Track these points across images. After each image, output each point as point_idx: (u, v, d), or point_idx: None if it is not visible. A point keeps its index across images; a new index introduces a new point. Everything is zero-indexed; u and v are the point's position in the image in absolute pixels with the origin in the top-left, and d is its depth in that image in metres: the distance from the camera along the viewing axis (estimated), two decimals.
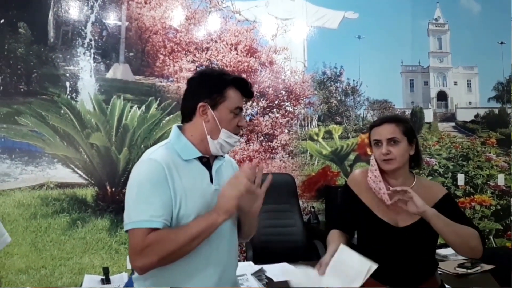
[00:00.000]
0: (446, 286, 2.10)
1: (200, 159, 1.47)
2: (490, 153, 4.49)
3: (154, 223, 1.32)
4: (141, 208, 1.33)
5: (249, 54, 3.93)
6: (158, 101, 3.65)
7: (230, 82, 1.46)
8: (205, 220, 1.34)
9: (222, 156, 1.54)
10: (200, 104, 1.44)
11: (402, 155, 1.70)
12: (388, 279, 1.70)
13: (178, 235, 1.32)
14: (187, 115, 1.49)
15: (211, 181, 1.46)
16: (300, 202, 3.68)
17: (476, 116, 4.58)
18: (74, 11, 3.50)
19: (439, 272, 1.87)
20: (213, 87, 1.45)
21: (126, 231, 1.36)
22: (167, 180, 1.36)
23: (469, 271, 2.59)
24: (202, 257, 1.40)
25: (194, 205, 1.39)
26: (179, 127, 1.51)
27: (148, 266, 1.33)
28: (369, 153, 1.85)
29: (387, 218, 1.72)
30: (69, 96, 3.45)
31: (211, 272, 1.43)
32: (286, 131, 4.03)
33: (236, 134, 1.48)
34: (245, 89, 1.49)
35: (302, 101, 4.09)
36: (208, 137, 1.45)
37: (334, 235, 1.80)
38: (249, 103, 3.78)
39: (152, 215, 1.32)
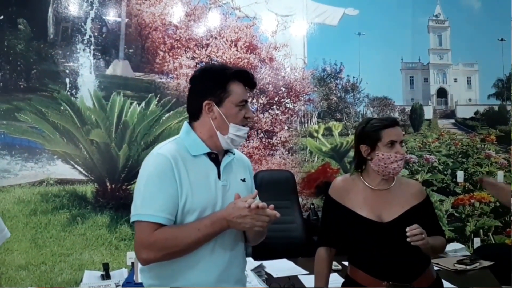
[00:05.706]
0: (446, 282, 2.11)
1: (208, 155, 1.48)
2: (489, 150, 4.48)
3: (159, 219, 1.35)
4: (147, 201, 1.37)
5: (249, 51, 3.92)
6: (158, 98, 3.65)
7: (232, 76, 1.46)
8: (212, 226, 1.37)
9: (231, 152, 1.54)
10: (206, 102, 1.45)
11: None
12: (385, 275, 1.70)
13: (186, 236, 1.35)
14: (194, 113, 1.49)
15: (219, 177, 1.47)
16: (300, 199, 3.68)
17: (476, 113, 4.57)
18: (73, 7, 3.49)
19: (437, 268, 1.89)
20: (216, 84, 1.45)
21: (133, 222, 1.39)
22: (173, 174, 1.38)
23: (468, 267, 2.60)
24: (205, 252, 1.42)
25: (200, 200, 1.41)
26: (190, 123, 1.52)
27: (152, 259, 1.37)
28: (364, 155, 1.80)
29: (371, 215, 1.73)
30: (68, 93, 3.45)
31: (212, 266, 1.44)
32: (286, 128, 4.03)
33: (245, 126, 1.48)
34: (248, 81, 1.49)
35: (302, 98, 4.09)
36: (218, 133, 1.46)
37: (320, 261, 1.84)
38: (249, 100, 3.77)
39: (157, 210, 1.36)
